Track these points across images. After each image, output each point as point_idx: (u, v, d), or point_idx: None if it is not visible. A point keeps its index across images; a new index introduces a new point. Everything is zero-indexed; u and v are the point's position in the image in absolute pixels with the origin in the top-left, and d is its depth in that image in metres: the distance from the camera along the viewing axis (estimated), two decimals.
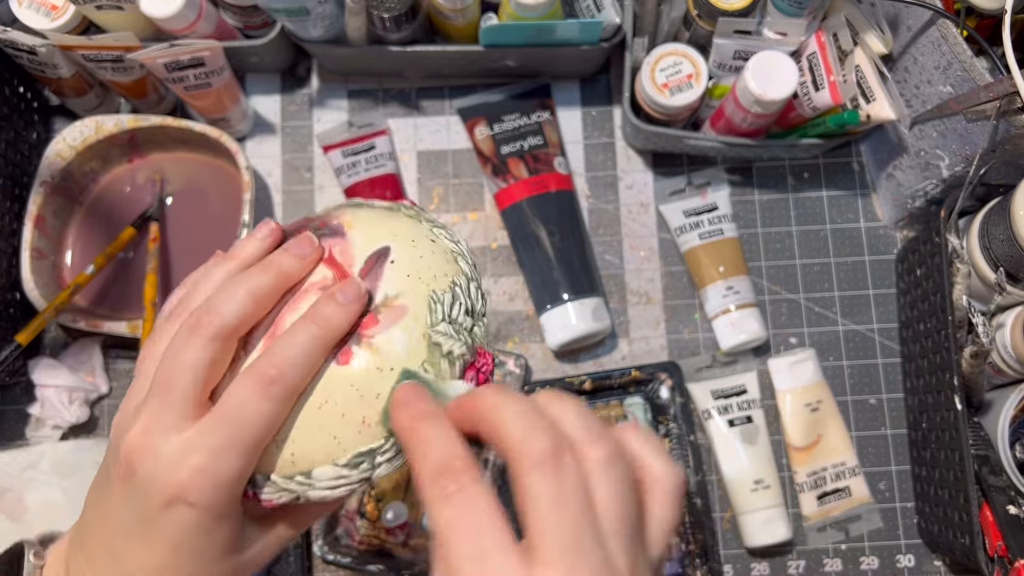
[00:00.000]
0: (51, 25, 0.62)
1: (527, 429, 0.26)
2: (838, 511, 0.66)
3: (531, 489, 0.25)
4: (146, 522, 0.29)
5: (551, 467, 0.25)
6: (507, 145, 0.69)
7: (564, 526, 0.25)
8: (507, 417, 0.26)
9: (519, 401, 0.27)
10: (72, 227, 0.69)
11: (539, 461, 0.25)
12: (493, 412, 0.27)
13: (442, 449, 0.27)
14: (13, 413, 0.66)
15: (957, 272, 0.59)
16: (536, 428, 0.26)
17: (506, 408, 0.27)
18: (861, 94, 0.61)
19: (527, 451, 0.25)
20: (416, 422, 0.28)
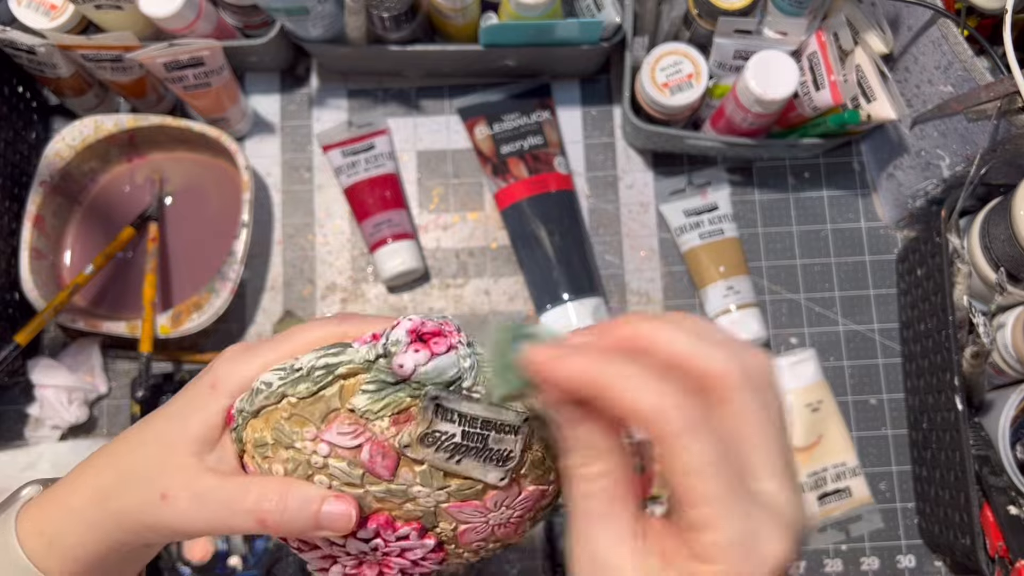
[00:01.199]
0: (50, 25, 0.62)
1: (714, 352, 0.25)
2: (839, 511, 0.66)
3: (746, 409, 0.24)
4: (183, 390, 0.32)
5: (703, 430, 0.24)
6: (507, 145, 0.69)
7: (778, 440, 0.25)
8: (688, 343, 0.25)
9: (681, 323, 0.26)
10: (71, 227, 0.69)
11: (742, 380, 0.24)
12: (667, 338, 0.25)
13: (656, 382, 0.24)
14: (12, 413, 0.66)
15: (958, 272, 0.59)
16: (720, 349, 0.25)
17: (678, 333, 0.25)
18: (862, 94, 0.60)
19: (728, 373, 0.25)
20: (596, 363, 0.25)
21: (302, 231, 0.71)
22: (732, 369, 0.25)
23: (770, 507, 0.24)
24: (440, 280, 0.70)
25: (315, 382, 0.29)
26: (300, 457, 0.30)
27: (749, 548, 0.23)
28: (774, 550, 0.24)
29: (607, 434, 0.26)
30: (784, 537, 0.24)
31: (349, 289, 0.70)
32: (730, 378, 0.25)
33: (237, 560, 0.62)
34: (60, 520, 0.32)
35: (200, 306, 0.63)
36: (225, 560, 0.62)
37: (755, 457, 0.24)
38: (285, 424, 0.30)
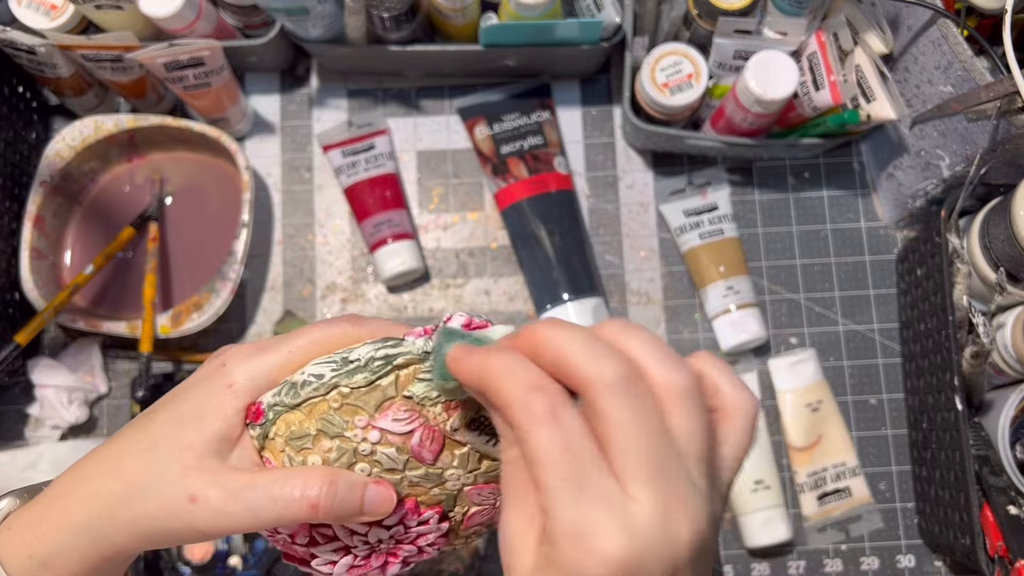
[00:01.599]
0: (50, 25, 0.62)
1: (597, 355, 0.26)
2: (838, 511, 0.66)
3: (612, 413, 0.25)
4: (187, 386, 0.32)
5: (627, 390, 0.25)
6: (507, 145, 0.69)
7: (649, 447, 0.25)
8: (573, 346, 0.26)
9: (580, 330, 0.27)
10: (71, 227, 0.69)
11: (613, 383, 0.25)
12: (557, 342, 0.26)
13: (524, 374, 0.26)
14: (12, 413, 0.66)
15: (958, 272, 0.59)
16: (606, 354, 0.26)
17: (570, 337, 0.26)
18: (861, 94, 0.60)
19: (599, 376, 0.25)
20: (486, 360, 0.27)
21: (302, 231, 0.71)
22: (604, 374, 0.25)
23: (617, 507, 0.24)
24: (440, 280, 0.70)
25: (373, 372, 0.31)
26: (347, 446, 0.31)
27: (582, 540, 0.24)
28: (608, 546, 0.24)
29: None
30: (623, 536, 0.24)
31: (349, 289, 0.70)
32: (599, 382, 0.25)
33: (237, 560, 0.62)
34: (57, 539, 0.31)
35: (200, 306, 0.63)
36: (225, 560, 0.62)
37: (617, 459, 0.25)
38: (335, 414, 0.31)
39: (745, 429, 0.28)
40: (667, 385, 0.26)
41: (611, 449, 0.25)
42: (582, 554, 0.24)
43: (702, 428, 0.26)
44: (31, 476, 0.62)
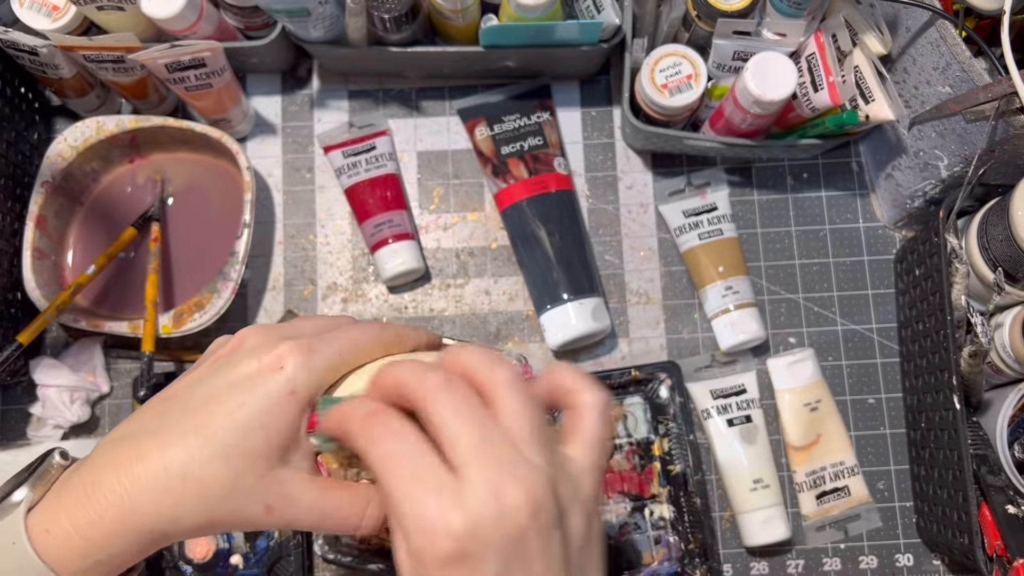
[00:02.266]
0: (52, 26, 0.62)
1: (421, 373, 0.30)
2: (837, 510, 0.66)
3: (435, 414, 0.29)
4: (234, 384, 0.32)
5: (446, 389, 0.29)
6: (507, 145, 0.69)
7: (472, 434, 0.28)
8: (404, 374, 0.30)
9: (415, 363, 0.31)
10: (73, 227, 0.69)
11: (434, 389, 0.29)
12: (393, 376, 0.30)
13: (359, 407, 0.30)
14: (14, 413, 0.67)
15: (956, 272, 0.59)
16: (428, 370, 0.30)
17: (403, 369, 0.30)
18: (860, 95, 0.61)
19: (423, 387, 0.29)
20: (339, 411, 0.31)
21: (303, 231, 0.71)
22: (426, 385, 0.29)
23: (449, 490, 0.28)
24: (440, 280, 0.70)
25: None
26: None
27: (425, 526, 0.27)
28: (447, 524, 0.27)
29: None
30: (458, 512, 0.27)
31: (350, 289, 0.70)
32: (424, 393, 0.29)
33: (239, 559, 0.63)
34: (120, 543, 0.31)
35: (202, 306, 0.63)
36: (227, 559, 0.63)
37: (448, 451, 0.28)
38: None
39: (594, 420, 0.32)
40: (490, 380, 0.30)
41: (443, 445, 0.28)
42: (429, 538, 0.27)
43: (526, 409, 0.30)
44: None
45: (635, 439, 0.66)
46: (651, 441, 0.66)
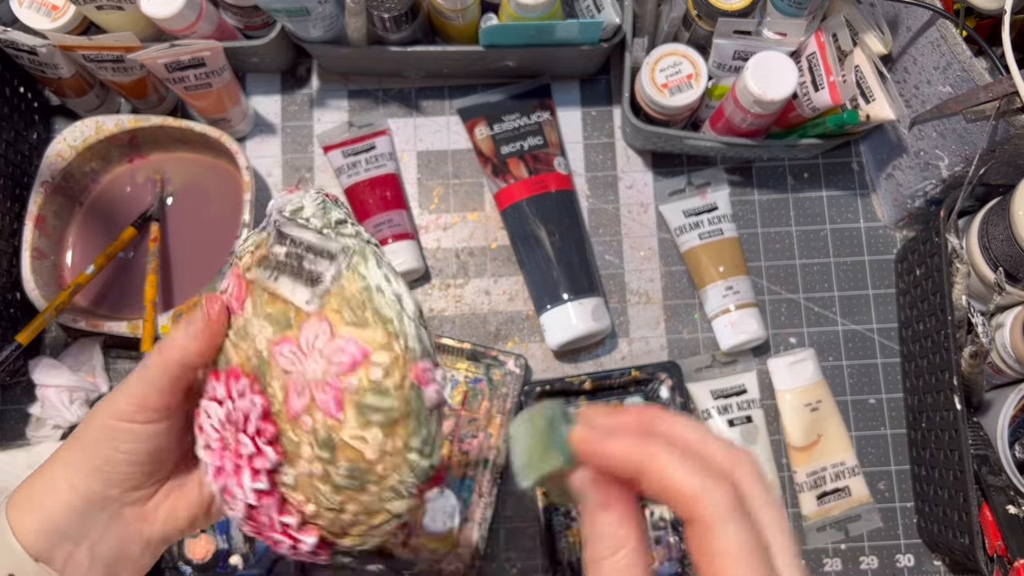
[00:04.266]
0: (51, 25, 0.62)
1: (701, 483, 0.27)
2: (838, 511, 0.66)
3: (724, 543, 0.27)
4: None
5: (737, 522, 0.27)
6: (507, 145, 0.69)
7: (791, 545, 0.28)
8: (673, 470, 0.28)
9: (673, 451, 0.28)
10: (72, 227, 0.69)
11: (726, 517, 0.27)
12: (653, 463, 0.28)
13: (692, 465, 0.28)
14: (14, 413, 0.66)
15: (956, 272, 0.59)
16: (708, 481, 0.27)
17: (666, 459, 0.28)
18: (860, 94, 0.61)
19: (711, 506, 0.27)
20: (643, 445, 0.29)
21: None
22: (738, 457, 0.29)
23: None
24: (440, 280, 0.70)
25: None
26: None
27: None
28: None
29: (630, 522, 0.29)
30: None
31: None
32: (740, 464, 0.29)
33: (238, 559, 0.62)
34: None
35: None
36: (226, 559, 0.63)
37: (775, 542, 0.27)
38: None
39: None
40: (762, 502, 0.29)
41: (771, 535, 0.28)
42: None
43: (791, 535, 0.29)
44: None
45: None
46: None
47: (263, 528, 0.34)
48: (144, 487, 0.36)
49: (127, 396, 0.35)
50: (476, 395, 0.66)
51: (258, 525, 0.34)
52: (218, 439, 0.34)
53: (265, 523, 0.33)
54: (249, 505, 0.33)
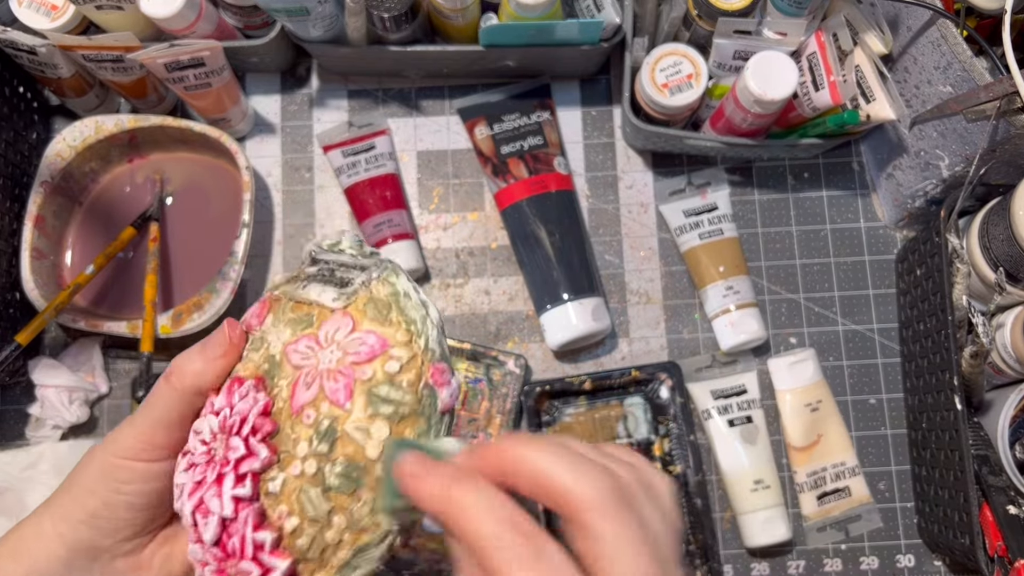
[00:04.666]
0: (51, 25, 0.62)
1: (576, 474, 0.26)
2: (838, 511, 0.66)
3: (602, 535, 0.25)
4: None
5: (614, 509, 0.25)
6: (507, 145, 0.69)
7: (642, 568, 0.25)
8: (549, 466, 0.26)
9: (549, 447, 0.27)
10: (72, 227, 0.69)
11: (601, 505, 0.25)
12: (530, 463, 0.26)
13: (500, 511, 0.25)
14: (13, 413, 0.66)
15: (957, 272, 0.59)
16: (585, 472, 0.26)
17: (543, 456, 0.26)
18: (861, 94, 0.61)
19: (584, 496, 0.25)
20: (452, 487, 0.26)
21: (303, 231, 0.71)
22: (591, 494, 0.25)
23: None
24: (440, 280, 0.70)
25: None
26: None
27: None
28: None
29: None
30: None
31: None
32: (588, 502, 0.25)
33: None
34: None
35: (201, 306, 0.63)
36: None
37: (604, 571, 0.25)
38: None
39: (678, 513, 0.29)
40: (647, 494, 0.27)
41: (603, 571, 0.25)
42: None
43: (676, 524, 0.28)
44: (31, 476, 0.62)
45: (635, 440, 0.66)
46: (651, 442, 0.66)
47: (229, 560, 0.31)
48: (141, 535, 0.34)
49: (133, 432, 0.32)
50: (476, 395, 0.66)
51: (224, 559, 0.31)
52: (205, 452, 0.32)
53: (235, 548, 0.31)
54: (223, 521, 0.31)
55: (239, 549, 0.30)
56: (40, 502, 0.33)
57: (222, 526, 0.31)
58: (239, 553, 0.30)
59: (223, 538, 0.31)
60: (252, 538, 0.30)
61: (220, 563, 0.31)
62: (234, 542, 0.31)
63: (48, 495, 0.34)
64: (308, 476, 0.30)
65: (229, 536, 0.31)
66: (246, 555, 0.30)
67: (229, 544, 0.31)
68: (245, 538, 0.30)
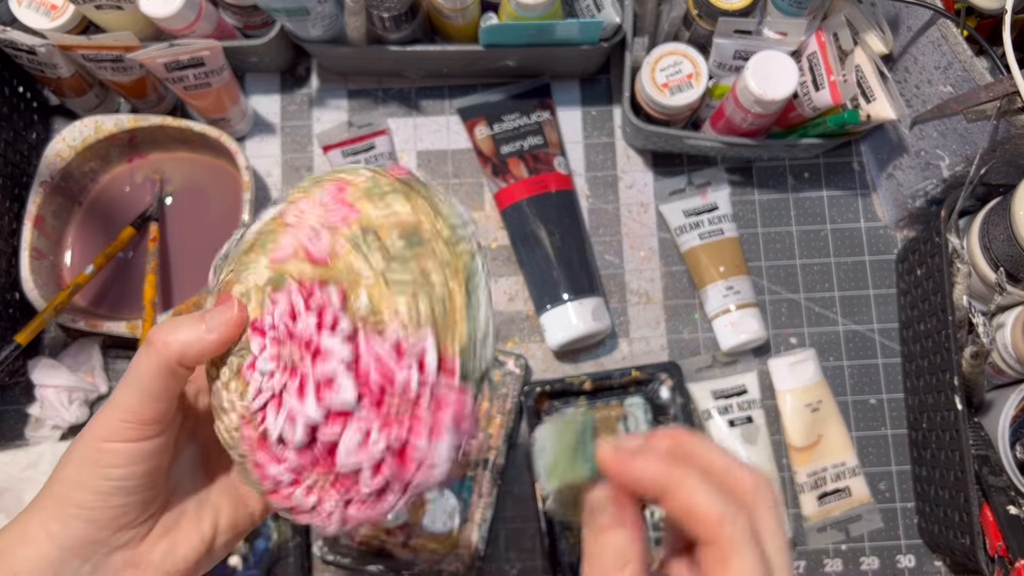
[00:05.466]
0: (51, 25, 0.62)
1: (724, 509, 0.29)
2: (838, 511, 0.66)
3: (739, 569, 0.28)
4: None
5: (752, 550, 0.28)
6: (507, 145, 0.69)
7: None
8: (699, 495, 0.29)
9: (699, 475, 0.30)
10: (71, 227, 0.69)
11: (743, 544, 0.28)
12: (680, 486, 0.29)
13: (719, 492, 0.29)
14: (13, 413, 0.66)
15: (957, 272, 0.59)
16: (731, 508, 0.29)
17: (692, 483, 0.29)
18: (861, 94, 0.61)
19: (730, 532, 0.28)
20: (671, 470, 0.30)
21: None
22: (760, 486, 0.30)
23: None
24: None
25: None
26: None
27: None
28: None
29: (640, 540, 0.30)
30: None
31: None
32: (760, 492, 0.30)
33: (237, 560, 0.62)
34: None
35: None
36: (225, 560, 0.62)
37: (777, 567, 0.29)
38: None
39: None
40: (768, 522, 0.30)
41: (773, 552, 0.29)
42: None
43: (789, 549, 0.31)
44: (31, 476, 0.62)
45: None
46: None
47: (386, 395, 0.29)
48: (137, 523, 0.31)
49: (117, 412, 0.30)
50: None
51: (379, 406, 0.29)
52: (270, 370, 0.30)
53: (382, 375, 0.29)
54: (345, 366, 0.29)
55: (388, 370, 0.29)
56: None
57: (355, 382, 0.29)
58: (388, 373, 0.29)
59: (365, 391, 0.29)
60: (381, 351, 0.29)
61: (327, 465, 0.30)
62: (375, 376, 0.29)
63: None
64: (380, 268, 0.30)
65: (372, 378, 0.29)
66: (402, 364, 0.29)
67: (372, 379, 0.29)
68: (382, 358, 0.29)
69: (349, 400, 0.29)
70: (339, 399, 0.29)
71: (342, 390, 0.29)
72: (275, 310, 0.31)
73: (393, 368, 0.29)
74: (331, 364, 0.29)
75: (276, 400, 0.30)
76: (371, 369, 0.29)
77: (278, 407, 0.30)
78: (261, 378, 0.31)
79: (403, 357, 0.29)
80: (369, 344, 0.29)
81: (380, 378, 0.29)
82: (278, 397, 0.30)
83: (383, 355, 0.29)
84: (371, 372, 0.29)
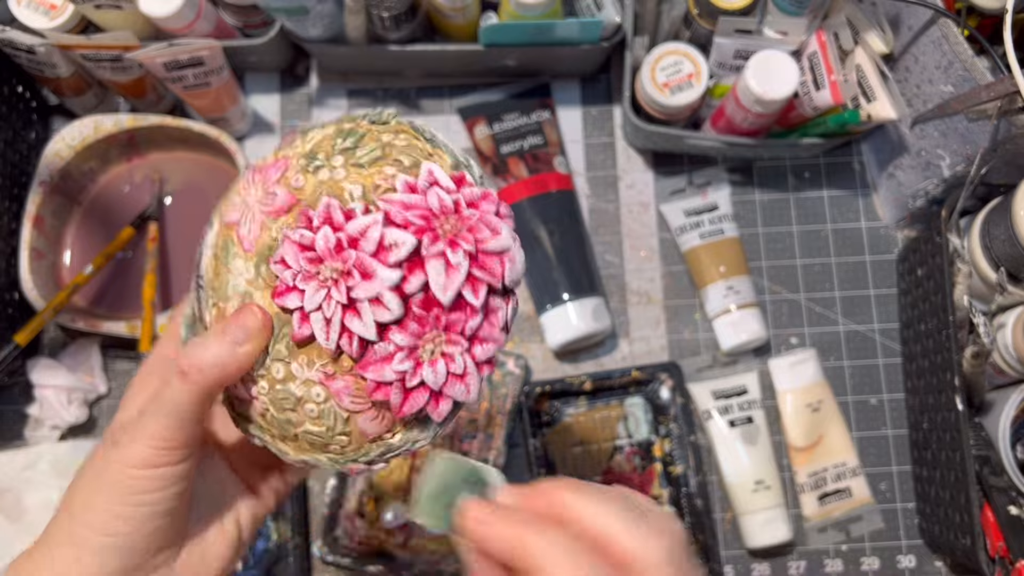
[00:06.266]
0: (50, 24, 0.62)
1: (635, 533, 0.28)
2: (839, 512, 0.65)
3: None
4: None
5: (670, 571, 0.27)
6: (507, 144, 0.69)
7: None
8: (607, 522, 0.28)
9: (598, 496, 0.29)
10: (71, 227, 0.69)
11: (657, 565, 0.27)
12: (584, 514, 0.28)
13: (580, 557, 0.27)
14: (12, 413, 0.66)
15: (958, 272, 0.59)
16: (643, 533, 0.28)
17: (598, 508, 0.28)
18: (862, 93, 0.60)
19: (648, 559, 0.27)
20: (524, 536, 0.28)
21: None
22: (649, 552, 0.27)
23: None
24: None
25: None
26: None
27: None
28: None
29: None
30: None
31: None
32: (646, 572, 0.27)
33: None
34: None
35: None
36: None
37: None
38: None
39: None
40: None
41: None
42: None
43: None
44: (30, 476, 0.62)
45: (636, 440, 0.66)
46: (652, 442, 0.66)
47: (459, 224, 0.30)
48: (172, 544, 0.31)
49: (146, 438, 0.29)
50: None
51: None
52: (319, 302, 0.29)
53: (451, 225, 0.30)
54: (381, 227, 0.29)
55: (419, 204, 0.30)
56: (39, 503, 0.32)
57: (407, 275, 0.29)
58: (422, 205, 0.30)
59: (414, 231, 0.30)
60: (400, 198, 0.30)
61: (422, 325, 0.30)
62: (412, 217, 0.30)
63: (47, 495, 0.32)
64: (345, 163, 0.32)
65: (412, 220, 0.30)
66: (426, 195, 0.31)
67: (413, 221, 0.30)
68: (406, 202, 0.30)
69: (409, 241, 0.29)
70: (400, 249, 0.29)
71: (397, 240, 0.29)
72: (287, 270, 0.30)
73: (421, 200, 0.30)
74: (369, 237, 0.29)
75: (346, 311, 0.29)
76: (406, 215, 0.30)
77: (354, 313, 0.29)
78: (319, 317, 0.29)
79: (421, 191, 0.30)
80: (388, 201, 0.30)
81: (418, 214, 0.30)
82: (346, 308, 0.29)
83: (405, 200, 0.30)
84: (408, 217, 0.30)
